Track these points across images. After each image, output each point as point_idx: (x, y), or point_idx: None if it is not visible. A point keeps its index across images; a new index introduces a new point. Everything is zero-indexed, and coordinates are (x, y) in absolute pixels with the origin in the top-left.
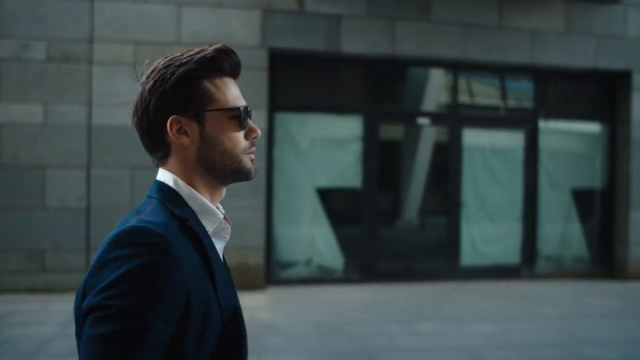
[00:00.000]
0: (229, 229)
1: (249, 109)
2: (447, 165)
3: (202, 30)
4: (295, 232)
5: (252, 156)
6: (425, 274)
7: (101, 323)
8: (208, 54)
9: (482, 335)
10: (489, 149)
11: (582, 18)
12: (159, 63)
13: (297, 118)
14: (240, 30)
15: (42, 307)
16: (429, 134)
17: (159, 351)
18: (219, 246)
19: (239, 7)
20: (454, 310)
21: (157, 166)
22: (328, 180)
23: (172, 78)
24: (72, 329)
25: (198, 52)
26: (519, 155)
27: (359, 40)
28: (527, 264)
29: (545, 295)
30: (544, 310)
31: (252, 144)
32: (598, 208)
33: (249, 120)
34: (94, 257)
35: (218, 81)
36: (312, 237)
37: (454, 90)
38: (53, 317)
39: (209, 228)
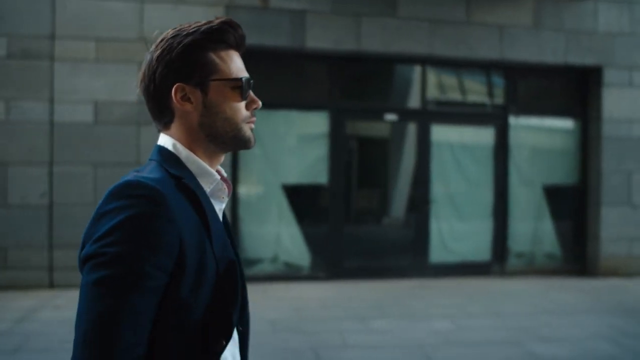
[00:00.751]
0: (227, 190)
1: (251, 80)
2: (416, 161)
3: (164, 27)
4: (261, 229)
5: (252, 125)
6: (394, 271)
7: (96, 269)
8: (214, 25)
9: (437, 332)
10: (458, 146)
11: (551, 13)
12: (167, 33)
13: (262, 114)
14: None
15: (0, 304)
16: (397, 131)
17: (152, 297)
18: (218, 207)
19: (202, 4)
20: (415, 307)
21: (159, 132)
22: (294, 177)
23: (179, 47)
24: (24, 325)
25: (205, 24)
26: (489, 151)
27: (324, 37)
28: (498, 261)
29: (512, 292)
30: (507, 307)
31: (253, 114)
32: (570, 205)
33: (250, 91)
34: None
35: (223, 53)
36: (278, 234)
37: (422, 86)
38: (8, 314)
39: (206, 188)
